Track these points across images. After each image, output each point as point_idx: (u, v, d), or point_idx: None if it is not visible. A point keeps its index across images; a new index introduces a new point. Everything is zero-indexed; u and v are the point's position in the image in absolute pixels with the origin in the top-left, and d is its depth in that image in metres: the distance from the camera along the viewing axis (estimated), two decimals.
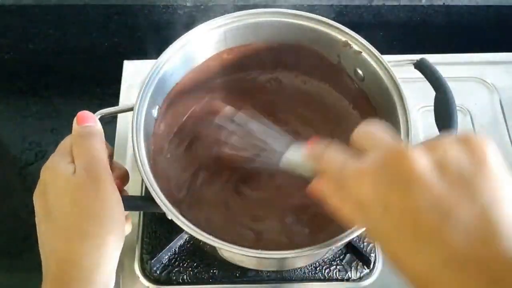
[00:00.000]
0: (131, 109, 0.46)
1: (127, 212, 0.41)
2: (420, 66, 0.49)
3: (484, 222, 0.23)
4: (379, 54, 0.47)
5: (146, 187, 0.44)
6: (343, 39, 0.49)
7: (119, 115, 0.63)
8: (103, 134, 0.41)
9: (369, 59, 0.48)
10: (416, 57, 0.49)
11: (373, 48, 0.48)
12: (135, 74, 0.66)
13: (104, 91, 0.69)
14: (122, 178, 0.43)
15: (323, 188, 0.31)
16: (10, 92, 0.71)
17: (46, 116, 0.68)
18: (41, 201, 0.38)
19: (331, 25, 0.49)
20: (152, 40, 0.75)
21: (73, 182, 0.37)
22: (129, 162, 0.60)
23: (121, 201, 0.39)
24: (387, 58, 0.47)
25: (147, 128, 0.46)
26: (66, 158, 0.39)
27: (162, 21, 0.75)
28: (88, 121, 0.41)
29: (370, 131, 0.30)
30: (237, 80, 0.57)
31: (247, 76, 0.57)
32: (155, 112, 0.49)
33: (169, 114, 0.53)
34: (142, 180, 0.42)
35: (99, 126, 0.41)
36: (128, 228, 0.43)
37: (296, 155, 0.38)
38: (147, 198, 0.42)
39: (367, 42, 0.48)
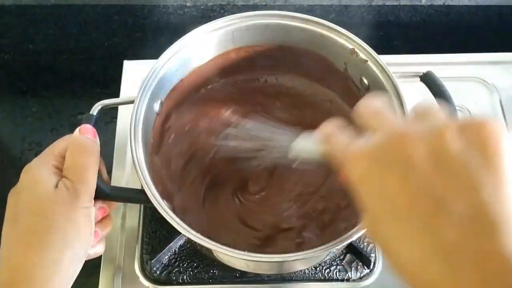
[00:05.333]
0: (132, 101, 0.46)
1: (101, 235, 0.42)
2: (426, 79, 0.48)
3: (481, 216, 0.23)
4: (385, 64, 0.47)
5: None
6: (350, 46, 0.48)
7: (119, 116, 0.63)
8: (99, 150, 0.41)
9: (374, 68, 0.47)
10: (422, 69, 0.49)
11: (379, 57, 0.47)
12: (135, 74, 0.66)
13: (104, 91, 0.69)
14: (104, 210, 0.42)
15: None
16: (10, 92, 0.71)
17: (46, 116, 0.68)
18: (13, 202, 0.38)
19: (339, 32, 0.49)
20: (152, 40, 0.74)
21: (50, 195, 0.37)
22: (128, 164, 0.60)
23: (93, 223, 0.39)
24: (392, 69, 0.47)
25: (147, 121, 0.46)
26: (52, 164, 0.39)
27: (162, 21, 0.75)
28: (90, 134, 0.41)
29: (375, 107, 0.30)
30: (241, 81, 0.57)
31: (251, 77, 0.57)
32: (156, 106, 0.49)
33: (170, 110, 0.52)
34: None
35: (98, 142, 0.42)
36: (100, 249, 0.43)
37: (305, 141, 0.37)
38: (138, 191, 0.42)
39: (373, 51, 0.48)
